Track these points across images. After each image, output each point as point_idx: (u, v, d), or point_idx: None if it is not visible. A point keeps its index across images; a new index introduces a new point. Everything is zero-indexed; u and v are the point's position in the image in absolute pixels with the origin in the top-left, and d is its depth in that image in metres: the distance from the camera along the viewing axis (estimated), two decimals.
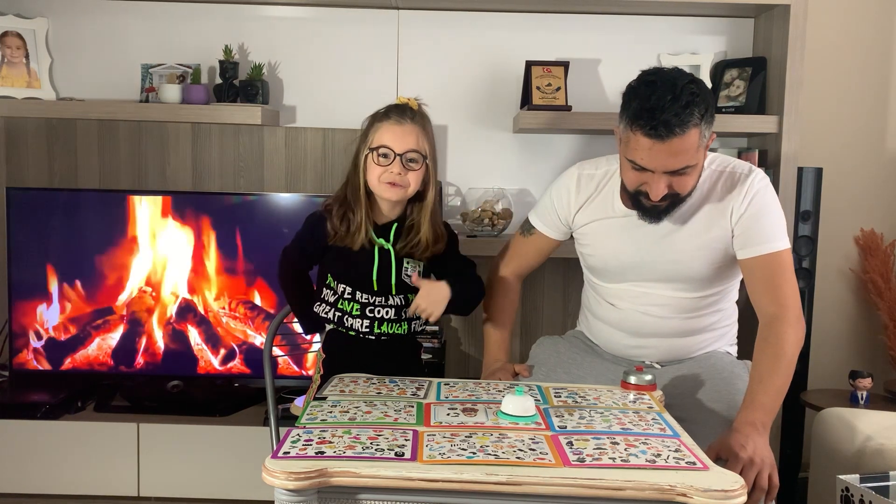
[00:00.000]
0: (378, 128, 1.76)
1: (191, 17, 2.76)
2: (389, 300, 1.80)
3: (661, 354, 1.87)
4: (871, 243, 2.79)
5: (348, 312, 1.80)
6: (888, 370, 2.76)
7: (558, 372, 1.88)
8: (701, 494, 1.10)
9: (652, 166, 1.61)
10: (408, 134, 1.74)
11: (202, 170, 2.81)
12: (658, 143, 1.57)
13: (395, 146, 1.73)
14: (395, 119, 1.74)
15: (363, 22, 2.76)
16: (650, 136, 1.57)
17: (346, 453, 1.19)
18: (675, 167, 1.60)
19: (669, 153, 1.58)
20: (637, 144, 1.61)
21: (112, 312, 2.65)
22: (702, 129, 1.59)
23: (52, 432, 2.47)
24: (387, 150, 1.73)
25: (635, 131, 1.60)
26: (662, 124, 1.55)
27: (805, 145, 2.66)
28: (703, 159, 1.67)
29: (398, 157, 1.73)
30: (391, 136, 1.73)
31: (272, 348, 2.01)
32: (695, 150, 1.60)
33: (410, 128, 1.74)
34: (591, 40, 2.75)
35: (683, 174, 1.62)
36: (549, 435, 1.30)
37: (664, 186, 1.63)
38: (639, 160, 1.62)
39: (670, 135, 1.55)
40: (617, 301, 1.87)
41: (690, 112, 1.56)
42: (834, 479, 1.88)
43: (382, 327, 1.81)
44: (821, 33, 2.76)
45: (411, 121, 1.75)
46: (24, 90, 2.70)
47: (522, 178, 2.81)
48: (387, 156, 1.73)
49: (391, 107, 1.78)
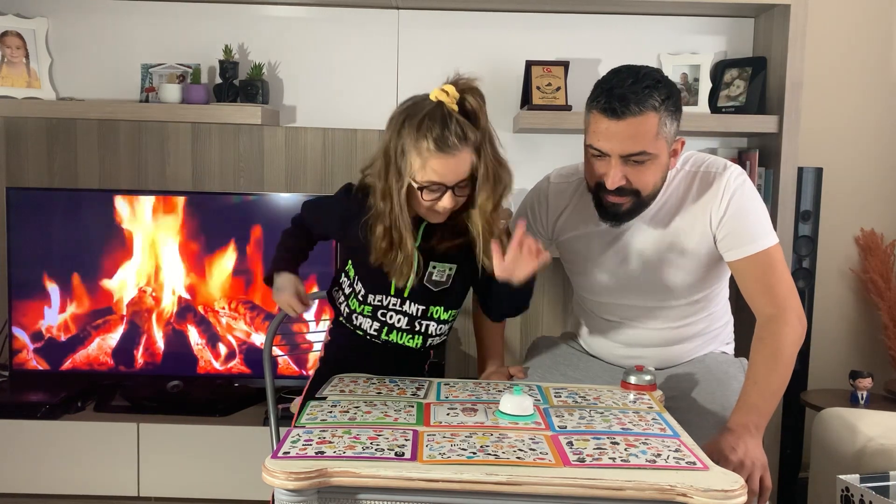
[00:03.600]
0: (423, 157, 1.47)
1: (191, 17, 2.76)
2: (405, 306, 1.63)
3: (655, 362, 1.82)
4: (871, 243, 2.79)
5: (359, 312, 1.68)
6: (888, 370, 2.76)
7: (555, 374, 1.87)
8: (701, 494, 1.10)
9: (608, 148, 1.57)
10: (460, 164, 1.49)
11: (202, 170, 2.81)
12: (614, 123, 1.55)
13: (448, 180, 1.49)
14: (441, 147, 1.46)
15: (363, 22, 2.76)
16: (606, 114, 1.56)
17: (346, 453, 1.19)
18: (630, 150, 1.56)
19: (626, 134, 1.55)
20: (596, 126, 1.59)
21: (112, 312, 2.65)
22: (661, 116, 1.56)
23: (52, 432, 2.47)
24: (438, 186, 1.49)
25: (594, 111, 1.60)
26: (618, 99, 1.54)
27: (805, 145, 2.66)
28: (665, 155, 1.61)
29: (449, 189, 1.50)
30: (442, 169, 1.47)
31: (272, 348, 2.01)
32: (653, 137, 1.56)
33: (462, 156, 1.48)
34: (591, 40, 2.75)
35: (640, 164, 1.58)
36: (549, 435, 1.30)
37: (620, 176, 1.58)
38: (596, 143, 1.59)
39: (626, 112, 1.53)
40: (606, 314, 1.86)
41: (649, 94, 1.55)
42: (834, 479, 1.88)
43: (391, 335, 1.67)
44: (821, 33, 2.76)
45: (461, 143, 1.47)
46: (24, 90, 2.70)
47: (522, 178, 2.77)
48: (436, 190, 1.50)
49: (432, 119, 1.47)
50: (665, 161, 1.62)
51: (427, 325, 1.67)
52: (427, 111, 1.49)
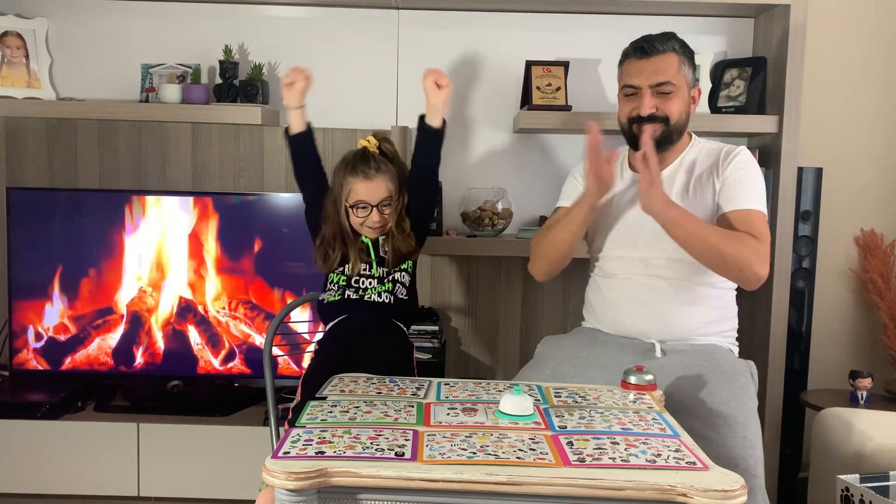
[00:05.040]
0: (350, 183, 1.96)
1: (191, 17, 2.76)
2: (372, 270, 2.01)
3: (663, 330, 1.90)
4: (871, 243, 2.79)
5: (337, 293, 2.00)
6: (888, 370, 2.76)
7: (565, 365, 1.91)
8: (701, 494, 1.10)
9: (639, 81, 1.93)
10: (378, 186, 1.96)
11: (202, 170, 2.81)
12: (643, 61, 1.92)
13: (370, 199, 1.96)
14: (363, 174, 1.95)
15: (363, 22, 2.76)
16: (636, 56, 1.94)
17: (347, 453, 1.19)
18: (658, 80, 1.91)
19: (653, 69, 1.91)
20: (628, 70, 1.96)
21: (112, 312, 2.65)
22: (680, 57, 1.92)
23: (52, 432, 2.47)
24: (364, 204, 1.96)
25: (626, 61, 1.97)
26: (646, 42, 1.94)
27: (805, 145, 2.66)
28: (685, 90, 1.94)
29: (374, 207, 1.96)
30: (364, 191, 1.95)
31: (272, 348, 2.01)
32: (675, 72, 1.91)
33: (379, 180, 1.96)
34: (591, 40, 2.76)
35: (666, 95, 1.91)
36: (549, 435, 1.30)
37: (652, 103, 1.91)
38: (629, 80, 1.95)
39: (653, 50, 1.92)
40: (620, 271, 1.98)
41: (669, 40, 1.94)
42: (834, 479, 1.88)
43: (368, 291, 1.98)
44: (821, 33, 2.76)
45: (377, 172, 1.96)
46: (24, 90, 2.70)
47: (522, 178, 2.81)
48: (364, 208, 1.96)
49: (357, 158, 1.98)
50: (686, 97, 1.95)
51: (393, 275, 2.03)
52: (355, 153, 2.00)
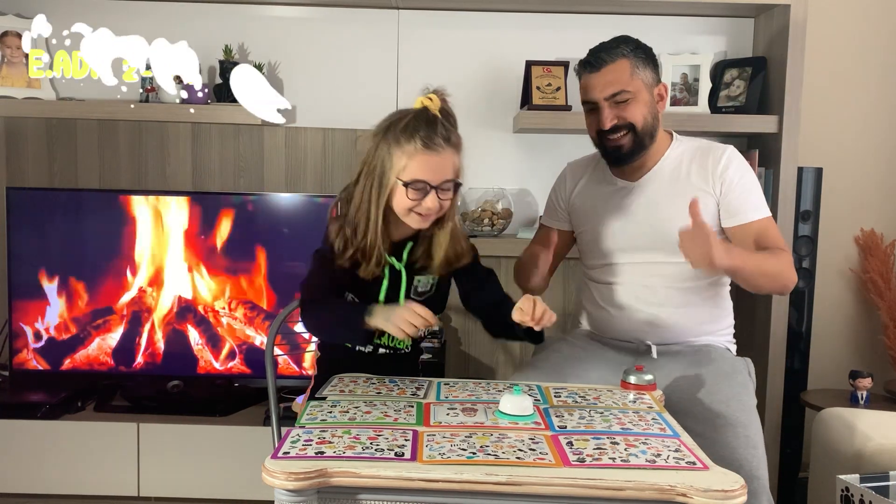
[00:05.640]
0: (409, 155, 1.53)
1: (191, 17, 2.76)
2: None
3: (657, 332, 1.88)
4: (871, 243, 2.79)
5: None
6: (888, 370, 2.76)
7: (564, 367, 1.89)
8: (701, 494, 1.10)
9: (595, 96, 1.87)
10: (445, 163, 1.55)
11: (202, 170, 2.81)
12: (594, 75, 1.86)
13: (432, 178, 1.54)
14: (429, 147, 1.52)
15: (363, 22, 2.76)
16: (587, 71, 1.88)
17: (346, 453, 1.19)
18: (611, 91, 1.84)
19: (605, 81, 1.85)
20: (583, 86, 1.91)
21: (112, 312, 2.65)
22: (632, 61, 1.84)
23: (52, 432, 2.47)
24: (423, 185, 1.54)
25: (580, 75, 1.92)
26: (592, 56, 1.88)
27: (805, 145, 2.66)
28: (644, 93, 1.86)
29: (434, 189, 1.55)
30: (427, 168, 1.53)
31: (273, 348, 2.00)
32: (628, 78, 1.84)
33: (447, 155, 1.54)
34: (591, 40, 2.71)
35: (624, 102, 1.84)
36: (548, 435, 1.30)
37: (612, 116, 1.85)
38: (585, 97, 1.90)
39: (600, 63, 1.85)
40: (613, 278, 1.94)
41: (617, 46, 1.86)
42: (834, 479, 1.88)
43: (383, 339, 1.69)
44: (821, 33, 2.76)
45: (446, 144, 1.54)
46: (24, 90, 2.70)
47: (522, 178, 2.80)
48: (421, 189, 1.54)
49: (420, 122, 1.54)
50: (647, 98, 1.87)
51: None
52: (413, 114, 1.57)
